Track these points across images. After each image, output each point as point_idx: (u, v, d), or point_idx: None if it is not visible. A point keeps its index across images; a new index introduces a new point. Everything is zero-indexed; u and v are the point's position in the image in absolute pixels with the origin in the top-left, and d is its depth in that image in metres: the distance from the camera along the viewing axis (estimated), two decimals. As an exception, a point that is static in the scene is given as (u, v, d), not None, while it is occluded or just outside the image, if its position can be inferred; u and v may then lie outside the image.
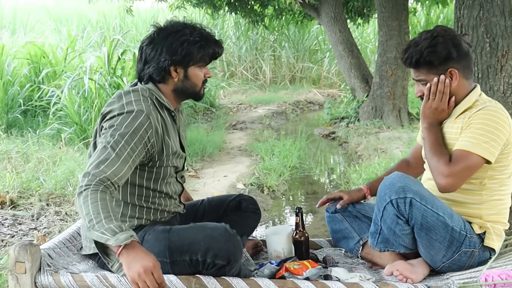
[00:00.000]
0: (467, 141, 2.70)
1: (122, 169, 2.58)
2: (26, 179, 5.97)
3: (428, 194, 2.77)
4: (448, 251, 2.78)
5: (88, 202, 2.45)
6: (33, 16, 18.45)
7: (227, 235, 2.70)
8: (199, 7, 12.78)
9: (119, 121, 2.64)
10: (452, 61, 2.79)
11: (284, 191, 6.68)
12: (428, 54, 2.78)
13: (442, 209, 2.75)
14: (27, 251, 2.56)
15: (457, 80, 2.81)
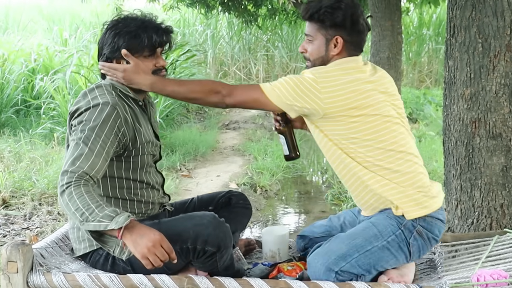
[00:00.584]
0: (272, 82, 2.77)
1: (98, 162, 2.57)
2: (18, 178, 5.97)
3: (343, 245, 2.76)
4: (403, 253, 2.81)
5: (75, 198, 2.45)
6: (25, 15, 18.38)
7: (216, 221, 2.72)
8: (193, 7, 12.77)
9: (87, 116, 2.64)
10: (343, 30, 2.80)
11: (277, 190, 6.69)
12: (324, 12, 2.79)
13: (368, 242, 2.76)
14: (19, 251, 2.56)
15: (339, 50, 2.83)
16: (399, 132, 2.84)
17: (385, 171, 2.80)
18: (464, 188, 3.92)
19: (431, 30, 15.15)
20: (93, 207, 2.43)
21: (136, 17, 2.83)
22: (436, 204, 2.87)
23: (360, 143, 2.78)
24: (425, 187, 2.86)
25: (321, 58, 2.86)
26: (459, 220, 3.98)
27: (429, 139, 7.87)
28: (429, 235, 2.83)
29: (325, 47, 2.85)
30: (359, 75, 2.78)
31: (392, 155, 2.80)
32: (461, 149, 3.90)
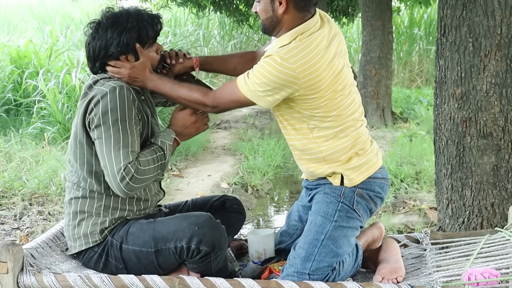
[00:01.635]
0: (244, 77, 2.75)
1: (135, 140, 2.73)
2: (8, 178, 5.94)
3: (307, 246, 2.84)
4: (355, 220, 2.92)
5: (146, 169, 2.72)
6: (16, 15, 18.31)
7: (212, 222, 2.76)
8: (184, 6, 12.75)
9: (108, 103, 2.70)
10: None
11: (268, 190, 6.67)
12: None
13: (319, 233, 2.86)
14: (9, 251, 2.55)
15: (284, 8, 2.75)
16: (356, 101, 2.91)
17: (337, 141, 2.88)
18: (455, 187, 3.93)
19: (422, 30, 15.15)
20: (157, 155, 2.79)
21: (129, 11, 2.86)
22: (376, 164, 2.96)
23: (324, 118, 2.82)
24: (365, 151, 2.95)
25: (270, 18, 2.80)
26: (450, 219, 3.99)
27: (420, 138, 7.87)
28: (370, 194, 2.93)
29: (271, 7, 2.78)
30: (326, 52, 2.74)
31: (347, 126, 2.87)
32: (452, 148, 3.91)
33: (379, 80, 9.52)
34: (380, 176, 2.97)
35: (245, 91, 2.72)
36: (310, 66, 2.67)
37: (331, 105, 2.78)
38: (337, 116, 2.81)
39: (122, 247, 2.78)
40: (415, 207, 5.54)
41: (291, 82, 2.67)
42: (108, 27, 2.81)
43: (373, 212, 3.03)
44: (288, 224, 3.30)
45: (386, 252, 3.04)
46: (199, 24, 16.42)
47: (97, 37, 2.82)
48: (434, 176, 4.25)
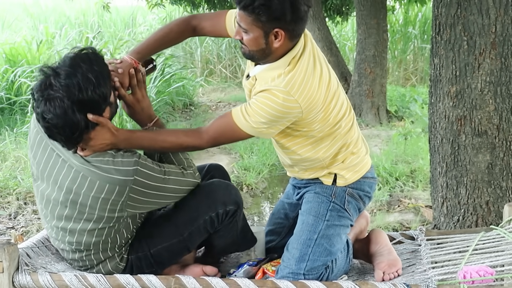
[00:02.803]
0: (241, 111, 2.64)
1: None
2: (3, 177, 5.94)
3: (300, 246, 2.83)
4: (346, 218, 2.93)
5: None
6: (10, 13, 18.27)
7: (221, 183, 2.82)
8: (178, 4, 12.74)
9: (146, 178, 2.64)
10: (283, 22, 2.54)
11: (263, 188, 6.68)
12: (259, 6, 2.50)
13: (312, 232, 2.85)
14: (4, 250, 2.54)
15: (280, 42, 2.60)
16: (343, 99, 2.86)
17: (335, 148, 2.87)
18: (450, 185, 3.94)
19: (417, 29, 15.17)
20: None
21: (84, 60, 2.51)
22: (366, 165, 2.97)
23: (321, 130, 2.80)
24: (359, 150, 2.95)
25: (262, 50, 2.64)
26: (445, 218, 4.00)
27: (414, 136, 7.88)
28: (360, 194, 2.95)
29: (265, 40, 2.60)
30: (314, 69, 2.67)
31: (342, 128, 2.85)
32: (446, 146, 3.92)
33: (374, 79, 9.53)
34: (369, 175, 3.00)
35: (247, 128, 2.63)
36: (308, 92, 2.61)
37: (326, 115, 2.75)
38: (332, 123, 2.79)
39: (152, 253, 2.77)
40: (410, 206, 5.56)
41: (294, 113, 2.62)
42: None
43: (361, 211, 3.06)
44: (273, 222, 3.28)
45: (377, 244, 3.05)
46: (194, 23, 16.39)
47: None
48: (429, 175, 4.25)
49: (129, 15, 17.69)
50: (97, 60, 2.51)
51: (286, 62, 2.65)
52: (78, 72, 2.41)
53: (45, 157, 2.64)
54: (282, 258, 2.89)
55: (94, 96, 2.43)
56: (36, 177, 2.73)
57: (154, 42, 2.92)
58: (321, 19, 10.49)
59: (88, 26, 16.40)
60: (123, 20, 17.51)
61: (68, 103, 2.39)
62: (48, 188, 2.64)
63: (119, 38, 14.56)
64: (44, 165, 2.65)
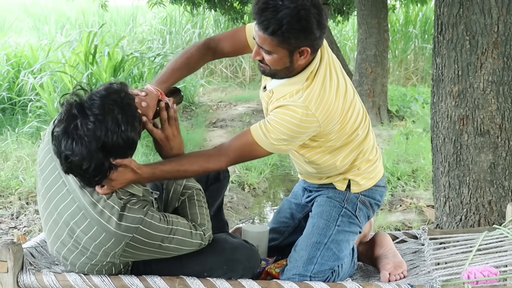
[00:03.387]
0: (260, 129, 2.60)
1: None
2: (5, 177, 5.93)
3: (309, 248, 2.82)
4: (355, 225, 2.92)
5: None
6: (11, 14, 18.27)
7: (247, 252, 2.73)
8: (178, 4, 12.72)
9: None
10: (309, 40, 2.50)
11: (265, 188, 6.68)
12: (287, 29, 2.43)
13: (322, 236, 2.84)
14: (9, 250, 2.54)
15: (306, 59, 2.57)
16: (359, 107, 2.84)
17: (352, 156, 2.86)
18: (452, 185, 3.94)
19: (417, 28, 15.17)
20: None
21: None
22: (381, 172, 2.98)
23: (338, 139, 2.78)
24: (374, 157, 2.95)
25: (286, 68, 2.59)
26: (448, 217, 4.00)
27: (416, 136, 7.89)
28: (371, 202, 2.95)
29: (289, 59, 2.55)
30: (331, 81, 2.64)
31: (359, 136, 2.83)
32: (449, 146, 3.92)
33: (375, 78, 9.52)
34: (381, 184, 2.99)
35: (267, 146, 2.59)
36: (325, 105, 2.58)
37: (343, 126, 2.73)
38: (349, 132, 2.77)
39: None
40: (412, 205, 5.56)
41: (313, 127, 2.60)
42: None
43: (369, 218, 3.05)
44: (277, 221, 3.27)
45: (381, 247, 3.06)
46: (194, 22, 16.40)
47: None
48: (431, 174, 4.26)
49: (129, 14, 17.69)
50: (128, 103, 2.42)
51: (304, 78, 2.62)
52: (108, 116, 2.32)
53: (51, 178, 2.58)
54: (289, 259, 2.88)
55: (121, 142, 2.36)
56: (40, 192, 2.65)
57: (177, 71, 2.82)
58: (322, 19, 10.48)
59: (88, 26, 16.41)
60: (123, 20, 17.51)
61: (95, 146, 2.31)
62: (48, 209, 2.58)
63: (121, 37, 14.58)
64: (49, 185, 2.58)
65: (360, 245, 3.16)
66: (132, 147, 2.44)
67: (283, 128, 2.55)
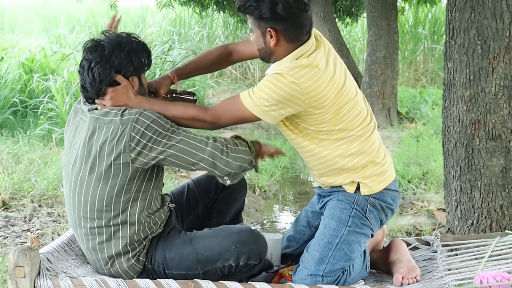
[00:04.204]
0: (249, 93, 2.76)
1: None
2: (17, 180, 5.96)
3: (321, 248, 2.87)
4: (367, 227, 2.95)
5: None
6: (21, 15, 18.36)
7: (254, 235, 2.83)
8: (187, 6, 12.77)
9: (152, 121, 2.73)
10: (273, 21, 2.73)
11: (276, 191, 6.69)
12: (249, 6, 2.72)
13: (334, 237, 2.88)
14: (26, 256, 2.57)
15: (275, 41, 2.77)
16: (364, 110, 2.93)
17: (351, 152, 2.90)
18: (464, 189, 3.95)
19: (427, 29, 15.15)
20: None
21: (130, 36, 2.88)
22: (390, 177, 3.00)
23: (331, 132, 2.86)
24: (382, 160, 2.98)
25: (263, 49, 2.84)
26: (459, 221, 4.01)
27: (426, 138, 7.89)
28: (382, 205, 2.97)
29: (263, 39, 2.80)
30: (325, 70, 2.77)
31: (358, 135, 2.90)
32: (460, 150, 3.93)
33: (384, 80, 9.53)
34: (393, 188, 3.01)
35: (249, 105, 2.73)
36: (313, 83, 2.71)
37: (336, 118, 2.82)
38: (344, 128, 2.85)
39: (166, 274, 2.81)
40: (423, 208, 5.56)
41: (296, 98, 2.70)
42: (113, 48, 2.80)
43: (383, 223, 3.08)
44: (295, 229, 3.33)
45: (397, 253, 3.08)
46: (203, 24, 16.43)
47: (114, 56, 2.78)
48: (443, 178, 4.26)
49: (138, 16, 17.73)
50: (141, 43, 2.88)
51: (294, 57, 2.79)
52: (120, 39, 2.81)
53: (73, 129, 2.89)
54: (301, 259, 2.92)
55: (126, 58, 2.77)
56: (65, 160, 2.89)
57: (194, 63, 3.25)
58: (332, 21, 10.51)
59: (98, 27, 16.46)
60: (132, 21, 17.55)
61: (108, 54, 2.74)
62: (71, 156, 2.83)
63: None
64: (72, 136, 2.87)
65: (374, 252, 3.18)
66: (136, 69, 2.82)
67: (269, 90, 2.69)
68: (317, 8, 10.36)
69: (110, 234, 2.77)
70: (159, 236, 2.86)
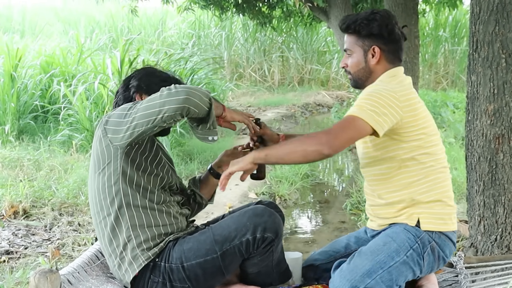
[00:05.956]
0: (352, 108, 2.73)
1: None
2: (38, 187, 6.00)
3: (367, 261, 2.77)
4: (418, 267, 2.83)
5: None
6: (41, 18, 18.48)
7: (269, 210, 2.83)
8: (207, 9, 12.76)
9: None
10: (379, 39, 2.85)
11: (296, 199, 6.67)
12: (360, 23, 2.84)
13: (390, 258, 2.77)
14: (47, 279, 2.56)
15: (377, 59, 2.86)
16: (440, 146, 2.91)
17: (427, 184, 2.84)
18: (487, 204, 3.90)
19: (447, 31, 15.08)
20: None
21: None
22: (454, 225, 2.91)
23: (420, 152, 2.81)
24: (450, 203, 2.90)
25: (362, 69, 2.91)
26: (482, 236, 3.96)
27: (448, 146, 7.82)
28: (440, 254, 2.87)
29: (364, 58, 2.89)
30: (416, 94, 2.85)
31: (438, 169, 2.85)
32: (484, 165, 3.88)
33: (404, 85, 9.44)
34: (453, 239, 2.91)
35: (366, 116, 2.66)
36: (408, 94, 2.78)
37: (428, 140, 2.82)
38: (432, 153, 2.83)
39: (184, 267, 2.80)
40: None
41: (395, 105, 2.70)
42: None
43: (431, 272, 2.95)
44: (331, 246, 3.26)
45: (426, 279, 3.00)
46: (223, 26, 16.46)
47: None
48: (466, 192, 4.22)
49: (158, 19, 17.80)
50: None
51: (388, 75, 2.88)
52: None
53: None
54: (351, 261, 2.82)
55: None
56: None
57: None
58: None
59: (117, 30, 16.55)
60: (152, 25, 17.62)
61: None
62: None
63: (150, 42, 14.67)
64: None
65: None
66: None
67: (373, 97, 2.70)
68: (337, 11, 10.29)
69: (112, 223, 2.83)
70: (176, 239, 2.87)
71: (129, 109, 2.69)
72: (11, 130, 8.29)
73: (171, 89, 2.62)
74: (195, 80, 10.24)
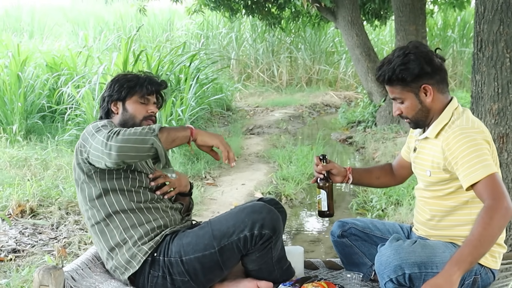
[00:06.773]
0: (474, 171, 2.63)
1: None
2: (45, 187, 6.02)
3: (425, 255, 2.72)
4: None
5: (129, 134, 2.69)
6: (50, 18, 18.55)
7: (267, 207, 2.86)
8: (217, 10, 12.81)
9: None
10: (425, 77, 2.78)
11: (302, 199, 6.67)
12: (400, 71, 2.76)
13: (441, 261, 2.70)
14: (51, 275, 2.58)
15: (432, 96, 2.81)
16: None
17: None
18: (492, 203, 3.89)
19: (456, 32, 15.05)
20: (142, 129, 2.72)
21: (137, 74, 3.15)
22: (497, 264, 2.86)
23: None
24: (503, 244, 2.88)
25: (420, 111, 2.85)
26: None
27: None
28: (479, 287, 2.82)
29: (418, 100, 2.82)
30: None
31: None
32: (488, 164, 3.88)
33: (412, 86, 9.43)
34: (495, 275, 2.89)
35: (492, 169, 2.64)
36: (483, 128, 2.78)
37: None
38: None
39: (183, 261, 2.83)
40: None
41: (486, 142, 2.71)
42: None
43: None
44: (373, 221, 3.27)
45: None
46: (231, 27, 16.48)
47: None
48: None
49: (166, 19, 17.83)
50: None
51: (449, 113, 2.82)
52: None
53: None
54: (412, 242, 2.79)
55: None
56: None
57: (366, 171, 3.38)
58: (359, 25, 10.45)
59: (126, 30, 16.58)
60: (160, 25, 17.65)
61: None
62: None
63: (158, 42, 14.69)
64: None
65: None
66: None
67: (478, 150, 2.65)
68: (345, 12, 10.31)
69: (104, 230, 2.91)
70: (174, 233, 2.92)
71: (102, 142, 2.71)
72: (19, 129, 8.32)
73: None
74: (200, 80, 10.22)
